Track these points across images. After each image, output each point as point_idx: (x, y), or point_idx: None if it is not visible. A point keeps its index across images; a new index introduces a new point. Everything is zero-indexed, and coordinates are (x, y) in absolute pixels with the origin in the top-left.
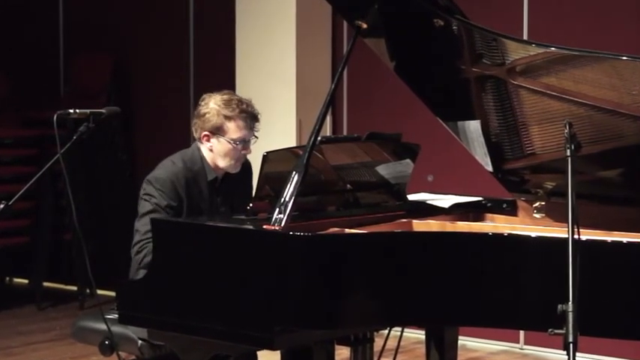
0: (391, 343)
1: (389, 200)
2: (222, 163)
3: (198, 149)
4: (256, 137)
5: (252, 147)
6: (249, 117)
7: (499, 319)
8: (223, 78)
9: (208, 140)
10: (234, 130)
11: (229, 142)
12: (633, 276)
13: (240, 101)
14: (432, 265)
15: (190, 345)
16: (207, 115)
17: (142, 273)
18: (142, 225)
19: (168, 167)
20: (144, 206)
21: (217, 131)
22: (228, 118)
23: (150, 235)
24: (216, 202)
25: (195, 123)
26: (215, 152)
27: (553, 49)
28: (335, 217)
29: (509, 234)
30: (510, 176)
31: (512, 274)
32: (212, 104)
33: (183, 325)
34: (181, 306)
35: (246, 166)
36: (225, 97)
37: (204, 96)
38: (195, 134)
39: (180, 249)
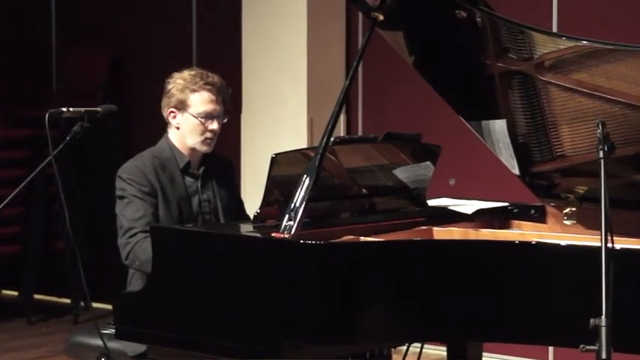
0: None
1: (407, 206)
2: (190, 140)
3: (167, 138)
4: (226, 118)
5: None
6: (215, 90)
7: (526, 334)
8: (229, 73)
9: (175, 117)
10: (198, 103)
11: (194, 117)
12: None
13: (207, 75)
14: (453, 275)
15: None
16: (172, 91)
17: (130, 274)
18: (125, 220)
19: (135, 158)
20: (121, 202)
21: (182, 106)
22: (192, 91)
23: (134, 225)
24: (196, 188)
25: (162, 101)
26: (182, 129)
27: (584, 42)
28: (349, 224)
29: (538, 242)
30: (539, 180)
31: (540, 286)
32: (178, 79)
33: (185, 341)
34: (183, 320)
35: (228, 162)
36: (192, 72)
37: (172, 74)
38: (163, 113)
39: (181, 258)
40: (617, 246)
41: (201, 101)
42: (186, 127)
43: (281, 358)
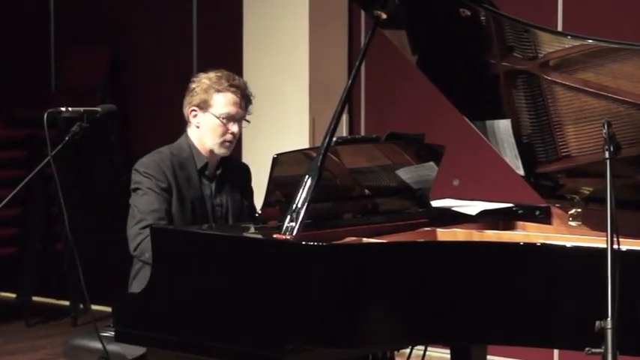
0: None
1: (411, 207)
2: (209, 141)
3: (187, 137)
4: (248, 121)
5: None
6: (240, 93)
7: (531, 337)
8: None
9: (196, 116)
10: (221, 103)
11: (215, 117)
12: None
13: (233, 77)
14: (457, 278)
15: None
16: (196, 89)
17: (137, 268)
18: (138, 211)
19: (153, 154)
20: (135, 194)
21: (204, 105)
22: (216, 90)
23: (146, 217)
24: (210, 192)
25: (185, 99)
26: (201, 129)
27: (590, 41)
28: (351, 226)
29: (543, 244)
30: (544, 180)
31: (545, 288)
32: (203, 79)
33: (186, 344)
34: (184, 323)
35: (245, 168)
36: (218, 73)
37: (198, 74)
38: (184, 112)
39: (182, 260)
40: (623, 247)
41: (224, 102)
42: (207, 127)
43: None
